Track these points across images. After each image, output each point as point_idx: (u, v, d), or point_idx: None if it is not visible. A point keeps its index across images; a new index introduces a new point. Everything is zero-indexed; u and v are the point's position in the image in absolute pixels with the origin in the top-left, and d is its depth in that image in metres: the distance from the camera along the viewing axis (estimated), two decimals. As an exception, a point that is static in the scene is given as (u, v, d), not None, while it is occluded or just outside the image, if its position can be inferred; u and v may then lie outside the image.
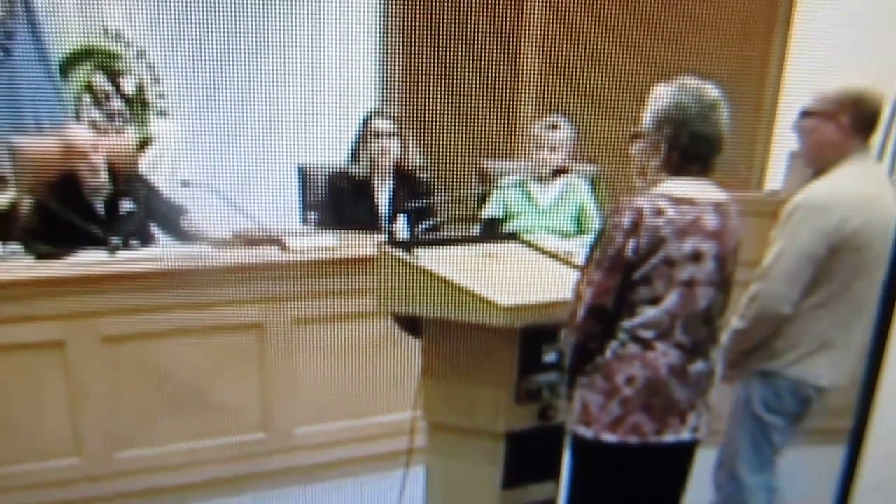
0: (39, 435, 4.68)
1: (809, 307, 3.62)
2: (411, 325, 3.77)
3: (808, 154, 3.75)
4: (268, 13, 5.37)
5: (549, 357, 3.60)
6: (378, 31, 6.72)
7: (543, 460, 3.75)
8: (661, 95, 3.18)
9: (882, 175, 3.86)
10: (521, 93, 6.81)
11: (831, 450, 3.17)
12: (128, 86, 6.63)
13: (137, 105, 6.64)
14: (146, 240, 5.44)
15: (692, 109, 3.11)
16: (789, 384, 3.72)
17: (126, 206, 5.47)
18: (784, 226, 3.58)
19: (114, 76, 6.65)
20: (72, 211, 5.33)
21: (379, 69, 6.74)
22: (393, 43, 6.60)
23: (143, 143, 6.58)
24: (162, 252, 5.17)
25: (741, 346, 3.74)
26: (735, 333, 3.72)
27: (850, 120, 3.56)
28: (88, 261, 4.82)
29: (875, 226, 3.51)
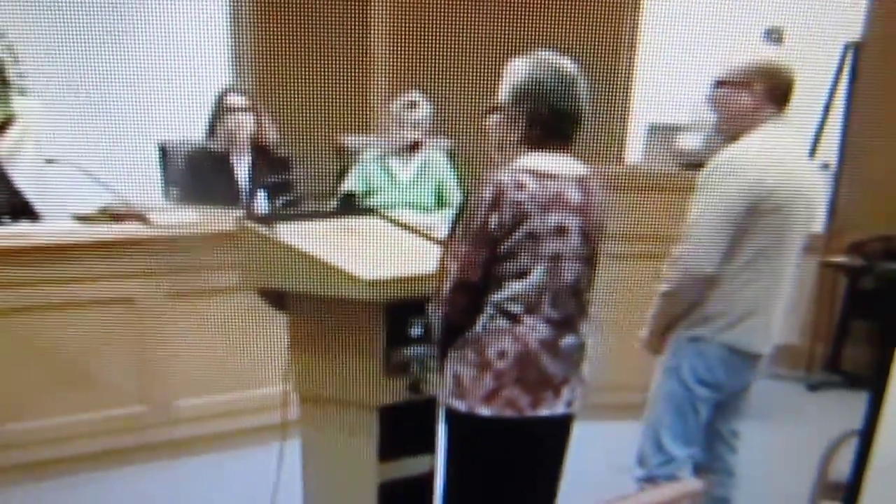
0: None
1: (735, 271, 3.40)
2: (276, 299, 3.47)
3: (722, 123, 3.55)
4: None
5: (416, 330, 3.32)
6: (227, 4, 6.42)
7: (418, 433, 3.50)
8: (517, 69, 2.91)
9: (797, 143, 3.68)
10: (374, 66, 6.57)
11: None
12: (-14, 66, 6.26)
13: (-2, 85, 6.27)
14: (15, 217, 5.10)
15: (550, 84, 2.86)
16: (720, 351, 3.49)
17: None
18: (702, 188, 3.38)
19: (-30, 56, 6.25)
20: None
21: (230, 44, 6.45)
22: (243, 17, 6.30)
23: (3, 124, 6.23)
24: (30, 228, 4.88)
25: (667, 311, 3.52)
26: (662, 297, 3.50)
27: (764, 88, 3.39)
28: None
29: (790, 188, 3.36)
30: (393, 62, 6.37)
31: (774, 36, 5.33)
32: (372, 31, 6.43)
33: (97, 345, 4.65)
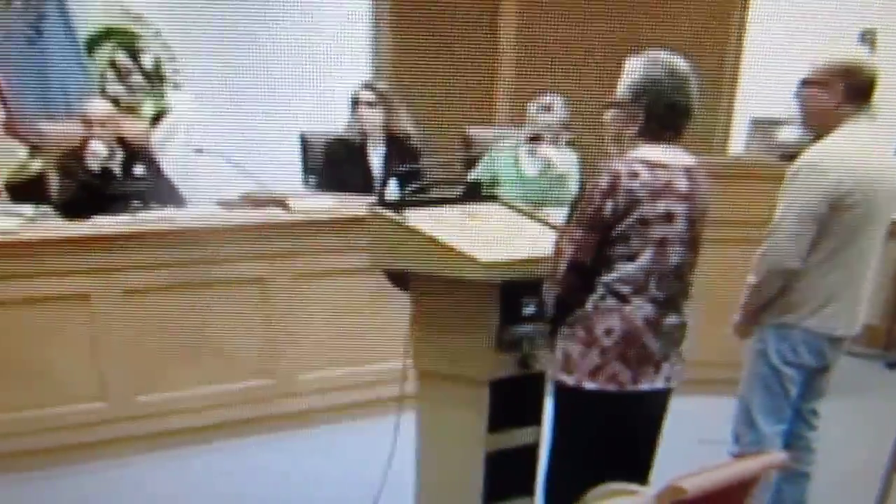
0: (67, 380, 4.58)
1: (817, 262, 3.50)
2: (400, 279, 3.63)
3: (806, 120, 3.68)
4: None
5: (529, 309, 3.43)
6: (370, 8, 6.59)
7: (526, 406, 3.59)
8: (635, 67, 3.04)
9: (881, 138, 3.70)
10: (502, 62, 6.60)
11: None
12: (146, 62, 6.52)
13: (155, 79, 6.54)
14: (160, 202, 5.34)
15: (666, 81, 2.99)
16: (804, 336, 3.59)
17: (138, 172, 5.46)
18: (787, 186, 3.48)
19: (134, 54, 6.53)
20: (92, 176, 5.32)
21: (371, 40, 6.60)
22: (383, 15, 6.46)
23: (158, 116, 6.51)
24: (176, 213, 5.10)
25: (755, 301, 3.62)
26: (749, 288, 3.60)
27: (844, 87, 3.44)
28: (110, 221, 4.77)
29: (869, 185, 3.43)
30: (519, 58, 6.46)
31: (868, 37, 5.35)
32: (501, 29, 6.53)
33: (230, 321, 4.80)
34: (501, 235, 3.63)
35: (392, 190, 4.78)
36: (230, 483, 4.53)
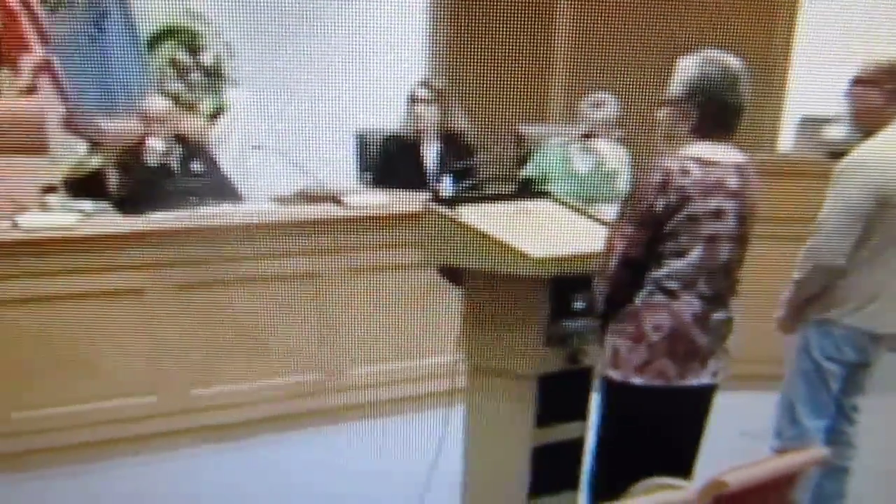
0: (120, 375, 4.64)
1: (862, 260, 3.53)
2: (454, 275, 3.66)
3: (855, 119, 3.72)
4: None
5: (578, 305, 3.46)
6: (427, 7, 6.63)
7: (573, 401, 3.62)
8: (688, 66, 3.07)
9: None
10: (556, 61, 6.66)
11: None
12: (206, 60, 6.59)
13: (215, 77, 6.61)
14: (217, 198, 5.38)
15: (718, 80, 3.02)
16: (846, 332, 3.63)
17: (195, 168, 5.52)
18: (835, 184, 3.52)
19: (194, 51, 6.61)
20: (149, 172, 5.39)
21: (427, 39, 6.65)
22: (440, 14, 6.51)
23: (216, 113, 6.57)
24: (231, 209, 5.17)
25: (800, 296, 3.67)
26: (794, 284, 3.66)
27: (894, 87, 3.49)
28: (165, 217, 4.82)
29: None
30: (573, 57, 6.50)
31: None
32: (555, 29, 6.59)
33: (283, 316, 4.86)
34: (553, 231, 3.68)
35: (446, 186, 4.83)
36: (280, 476, 4.58)
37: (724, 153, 3.05)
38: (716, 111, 3.02)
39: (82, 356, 4.52)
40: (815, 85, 4.53)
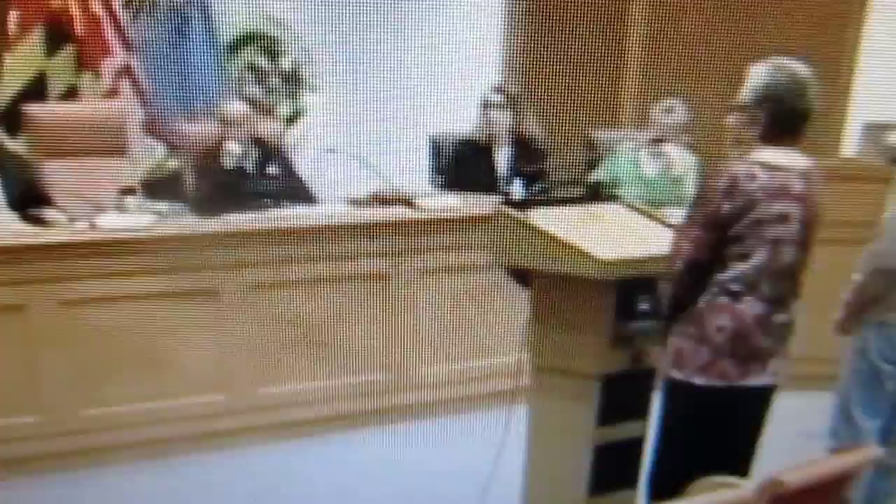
0: (190, 372, 4.70)
1: None
2: (522, 276, 3.73)
3: None
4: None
5: (643, 306, 3.53)
6: (501, 14, 6.67)
7: (635, 400, 3.67)
8: (759, 73, 3.11)
9: None
10: (627, 67, 6.73)
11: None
12: (285, 65, 6.71)
13: (292, 82, 6.72)
14: (292, 200, 5.48)
15: (790, 87, 3.06)
16: None
17: (271, 171, 5.61)
18: None
19: (273, 57, 6.72)
20: (226, 175, 5.49)
21: (502, 44, 6.69)
22: (515, 21, 6.56)
23: (293, 117, 6.67)
24: (306, 211, 5.28)
25: (860, 299, 3.68)
26: (855, 287, 3.67)
27: None
28: (240, 219, 4.93)
29: None
30: (645, 63, 6.57)
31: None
32: (628, 36, 6.64)
33: (353, 316, 4.91)
34: (621, 234, 3.72)
35: (517, 190, 4.89)
36: (344, 474, 4.62)
37: (790, 158, 3.08)
38: (784, 117, 3.06)
39: (154, 354, 4.57)
40: (879, 91, 4.55)
